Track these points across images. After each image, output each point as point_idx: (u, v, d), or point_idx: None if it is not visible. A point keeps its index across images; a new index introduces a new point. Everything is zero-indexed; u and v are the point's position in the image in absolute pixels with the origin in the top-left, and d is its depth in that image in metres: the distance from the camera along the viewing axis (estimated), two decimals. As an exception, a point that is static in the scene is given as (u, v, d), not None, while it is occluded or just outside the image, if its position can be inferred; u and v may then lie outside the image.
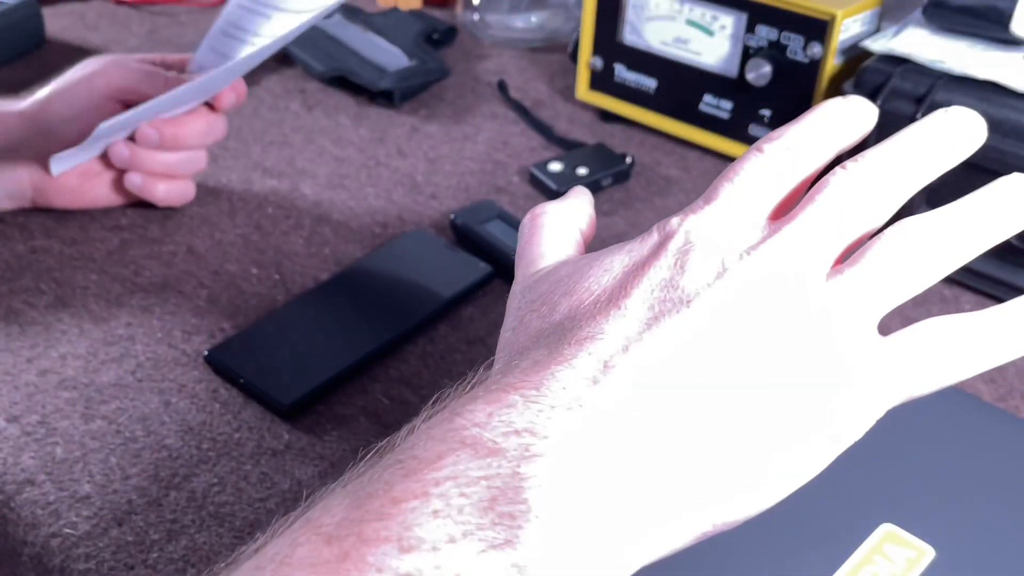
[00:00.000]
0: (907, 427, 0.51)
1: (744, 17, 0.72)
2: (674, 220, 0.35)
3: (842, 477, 0.45)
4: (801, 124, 0.37)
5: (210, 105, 0.68)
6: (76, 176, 0.67)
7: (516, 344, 0.35)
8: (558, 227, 0.40)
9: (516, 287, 0.38)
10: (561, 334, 0.32)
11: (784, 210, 0.36)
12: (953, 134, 0.37)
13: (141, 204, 0.71)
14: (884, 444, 0.49)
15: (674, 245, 0.34)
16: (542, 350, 0.32)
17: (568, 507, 0.28)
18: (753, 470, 0.32)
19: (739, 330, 0.32)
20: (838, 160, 0.37)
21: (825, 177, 0.35)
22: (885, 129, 0.64)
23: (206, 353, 0.57)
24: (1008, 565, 0.43)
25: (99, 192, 0.69)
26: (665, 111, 0.79)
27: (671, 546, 0.31)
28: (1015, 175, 0.36)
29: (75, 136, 0.64)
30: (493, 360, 0.36)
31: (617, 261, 0.35)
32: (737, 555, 0.44)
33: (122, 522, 0.48)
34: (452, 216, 0.68)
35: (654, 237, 0.35)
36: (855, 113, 0.38)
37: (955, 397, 0.54)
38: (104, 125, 0.62)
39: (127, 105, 0.65)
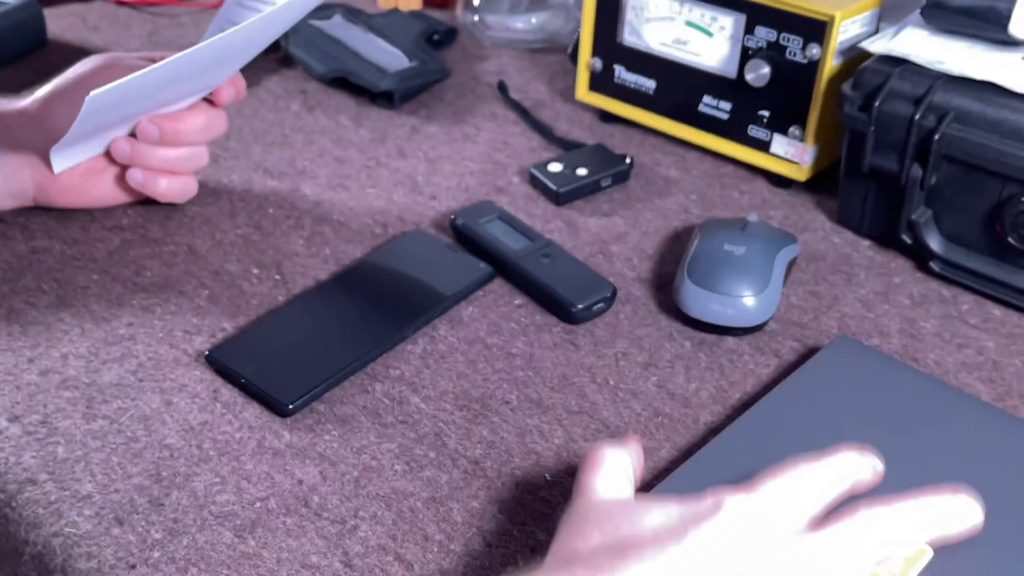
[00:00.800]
0: (906, 427, 0.51)
1: (743, 18, 0.72)
2: (725, 491, 0.41)
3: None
4: (832, 457, 0.44)
5: (210, 101, 0.68)
6: (78, 174, 0.67)
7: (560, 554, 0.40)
8: (619, 464, 0.45)
9: (577, 507, 0.43)
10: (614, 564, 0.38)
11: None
12: (951, 513, 0.44)
13: (142, 204, 0.71)
14: (883, 444, 0.49)
15: (725, 512, 0.40)
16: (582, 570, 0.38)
17: None
18: None
19: None
20: None
21: (856, 510, 0.41)
22: (885, 129, 0.65)
23: (207, 353, 0.57)
24: (1005, 564, 0.44)
25: (101, 190, 0.69)
26: (664, 112, 0.79)
27: None
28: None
29: None
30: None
31: (670, 504, 0.40)
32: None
33: (123, 521, 0.48)
34: (452, 216, 0.68)
35: (708, 501, 0.40)
36: (872, 465, 0.45)
37: (954, 397, 0.54)
38: (94, 94, 0.58)
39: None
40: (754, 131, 0.75)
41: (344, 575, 0.46)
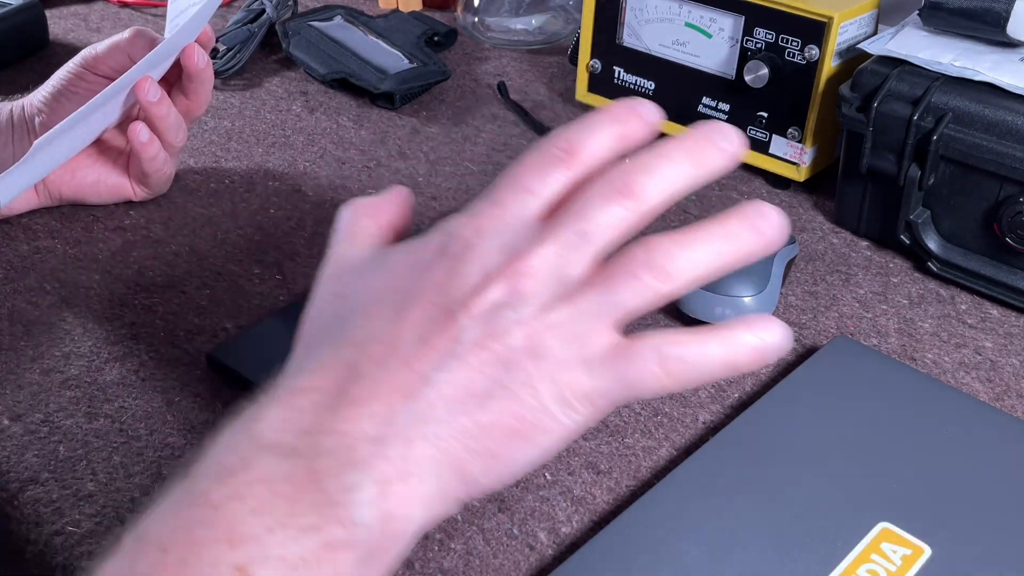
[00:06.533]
0: (904, 427, 0.51)
1: (742, 19, 0.72)
2: (454, 220, 0.38)
3: (840, 477, 0.45)
4: (583, 125, 0.38)
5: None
6: (87, 159, 0.68)
7: (309, 336, 0.39)
8: (366, 220, 0.43)
9: (323, 271, 0.41)
10: (344, 333, 0.37)
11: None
12: (712, 143, 0.39)
13: (144, 204, 0.71)
14: (881, 444, 0.50)
15: (451, 249, 0.37)
16: (326, 348, 0.36)
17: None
18: None
19: (500, 342, 0.35)
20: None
21: (585, 188, 0.37)
22: (883, 129, 0.65)
23: (209, 353, 0.57)
24: (1003, 563, 0.44)
25: (102, 177, 0.69)
26: (664, 113, 0.79)
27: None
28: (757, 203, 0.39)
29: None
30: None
31: (400, 262, 0.38)
32: (736, 553, 0.44)
33: (125, 520, 0.48)
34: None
35: (434, 239, 0.38)
36: (640, 115, 0.39)
37: (951, 397, 0.54)
38: (40, 140, 0.59)
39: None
40: (753, 132, 0.75)
41: (345, 573, 0.46)
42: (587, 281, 0.36)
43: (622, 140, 0.39)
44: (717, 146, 0.38)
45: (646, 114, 0.39)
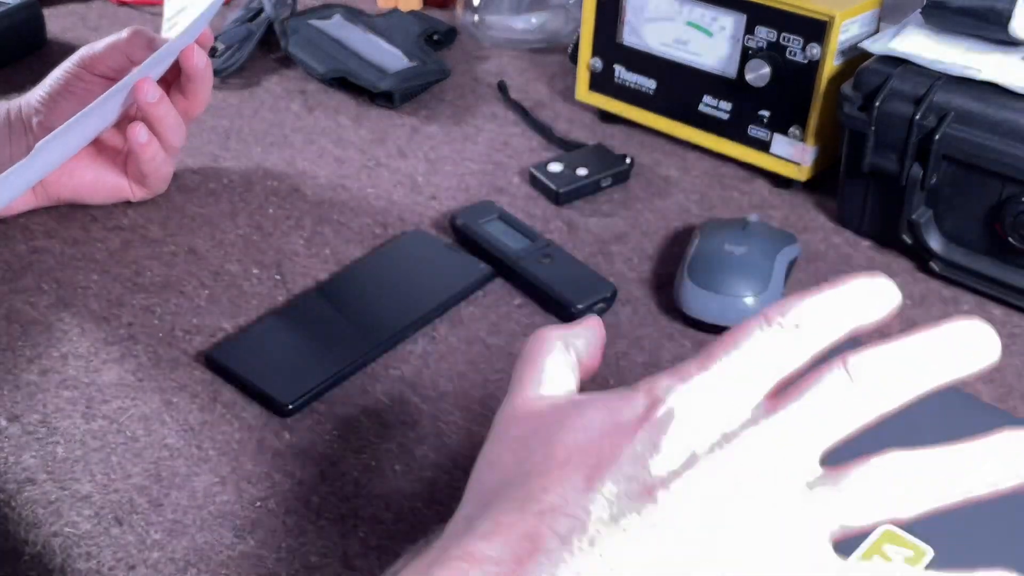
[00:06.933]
0: (906, 427, 0.51)
1: (743, 18, 0.72)
2: (663, 383, 0.34)
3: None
4: (816, 299, 0.35)
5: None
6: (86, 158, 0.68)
7: (487, 484, 0.35)
8: (560, 356, 0.39)
9: (507, 408, 0.38)
10: (528, 493, 0.33)
11: (784, 386, 0.34)
12: (966, 348, 0.35)
13: (143, 204, 0.71)
14: (882, 444, 0.49)
15: (656, 417, 0.33)
16: (506, 507, 0.32)
17: None
18: None
19: (701, 527, 0.31)
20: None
21: (821, 369, 0.33)
22: (885, 129, 0.65)
23: (207, 353, 0.57)
24: (1006, 565, 0.44)
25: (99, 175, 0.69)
26: (664, 112, 0.79)
27: None
28: (1012, 434, 0.34)
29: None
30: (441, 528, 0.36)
31: (597, 420, 0.34)
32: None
33: (123, 521, 0.48)
34: (452, 216, 0.68)
35: (639, 401, 0.34)
36: (878, 295, 0.36)
37: (954, 397, 0.54)
38: (40, 144, 0.59)
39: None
40: (754, 131, 0.75)
41: (344, 575, 0.46)
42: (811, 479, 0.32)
43: (857, 322, 0.35)
44: (975, 352, 0.35)
45: (888, 296, 0.36)
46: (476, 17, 0.97)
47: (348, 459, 0.52)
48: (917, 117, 0.63)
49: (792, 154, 0.73)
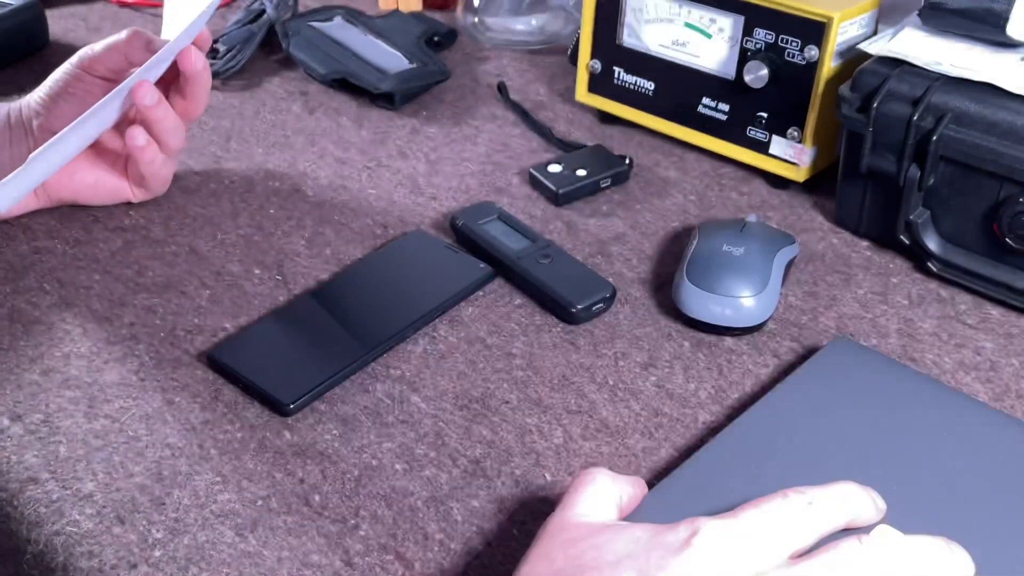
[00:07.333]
0: (904, 427, 0.51)
1: (742, 20, 0.72)
2: (702, 519, 0.39)
3: (839, 477, 0.45)
4: (826, 489, 0.41)
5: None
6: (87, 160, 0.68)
7: (540, 573, 0.39)
8: (609, 489, 0.44)
9: (556, 518, 0.42)
10: None
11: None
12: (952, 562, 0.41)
13: (144, 205, 0.71)
14: (881, 444, 0.50)
15: (698, 542, 0.38)
16: None
17: None
18: None
19: None
20: None
21: (839, 544, 0.39)
22: (883, 130, 0.65)
23: (208, 353, 0.57)
24: (1004, 564, 0.44)
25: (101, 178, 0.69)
26: (663, 113, 0.80)
27: None
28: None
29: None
30: None
31: (644, 537, 0.39)
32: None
33: (125, 520, 0.48)
34: (452, 217, 0.69)
35: (681, 528, 0.39)
36: (873, 501, 0.43)
37: (951, 398, 0.54)
38: (38, 150, 0.59)
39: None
40: (753, 132, 0.75)
41: (345, 574, 0.46)
42: None
43: (862, 521, 0.42)
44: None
45: (880, 511, 0.43)
46: (476, 19, 0.97)
47: (348, 458, 0.52)
48: (915, 118, 0.63)
49: (790, 155, 0.74)
